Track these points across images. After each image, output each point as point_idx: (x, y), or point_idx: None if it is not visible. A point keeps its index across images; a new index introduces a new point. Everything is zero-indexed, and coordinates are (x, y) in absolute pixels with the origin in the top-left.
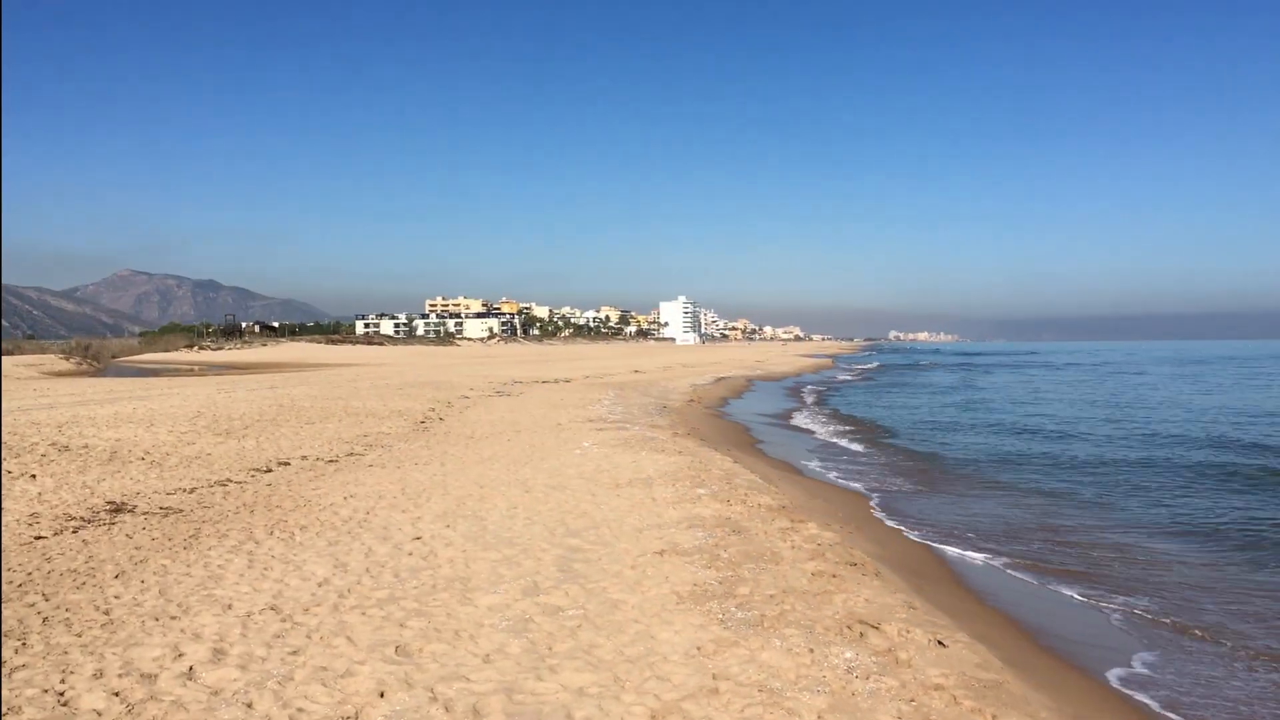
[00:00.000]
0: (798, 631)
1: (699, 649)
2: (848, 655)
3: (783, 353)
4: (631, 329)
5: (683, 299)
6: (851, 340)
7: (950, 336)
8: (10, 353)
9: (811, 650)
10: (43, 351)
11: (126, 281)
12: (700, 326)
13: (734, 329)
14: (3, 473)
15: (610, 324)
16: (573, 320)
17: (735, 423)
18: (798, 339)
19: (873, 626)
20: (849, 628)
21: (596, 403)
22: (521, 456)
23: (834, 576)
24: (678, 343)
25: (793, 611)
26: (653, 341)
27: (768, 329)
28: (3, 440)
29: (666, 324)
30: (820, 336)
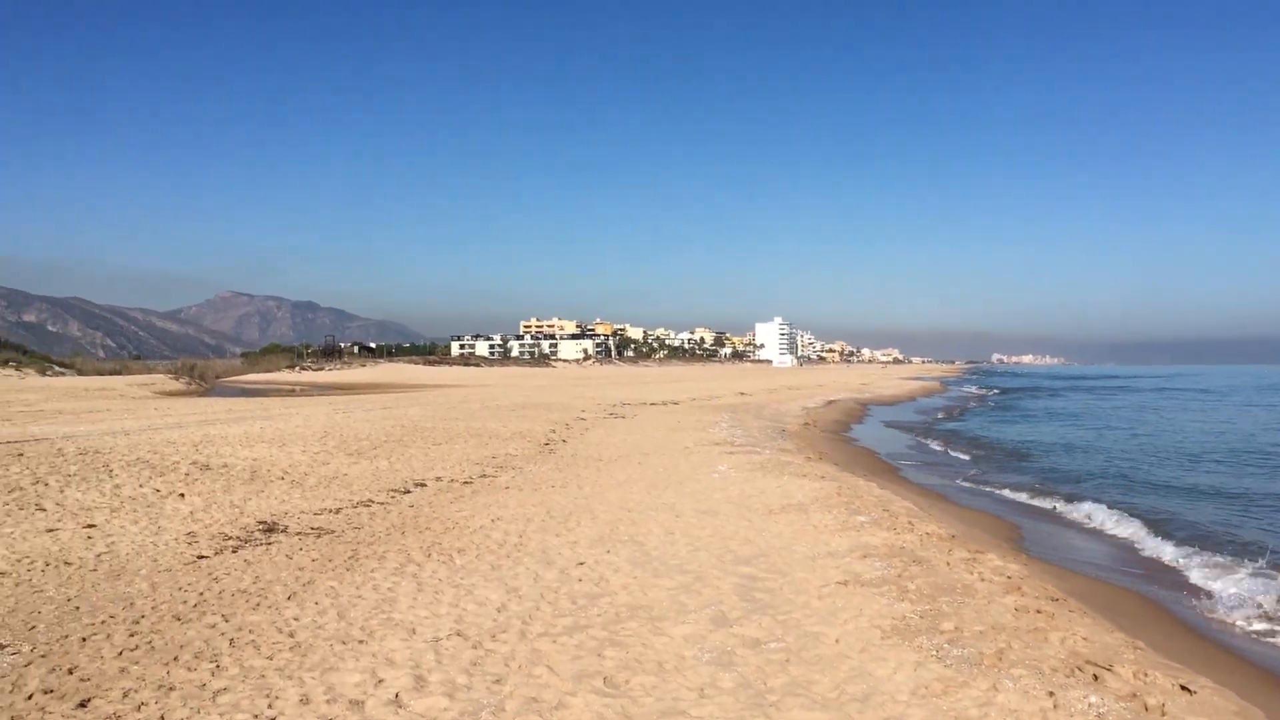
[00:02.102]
0: (1026, 672)
1: (926, 688)
2: (1092, 700)
3: (885, 375)
4: (726, 351)
5: (779, 320)
6: (953, 363)
7: (1057, 359)
8: (118, 372)
9: (1051, 694)
10: (149, 371)
11: (228, 303)
12: (797, 348)
13: (831, 351)
14: (150, 491)
15: (705, 346)
16: (667, 342)
17: (863, 448)
18: (897, 361)
19: (1104, 668)
20: (1079, 669)
21: (714, 425)
22: (659, 480)
23: (1039, 612)
24: (774, 365)
25: (1011, 650)
26: (749, 363)
27: (865, 351)
28: (146, 459)
29: (762, 345)
30: (920, 359)
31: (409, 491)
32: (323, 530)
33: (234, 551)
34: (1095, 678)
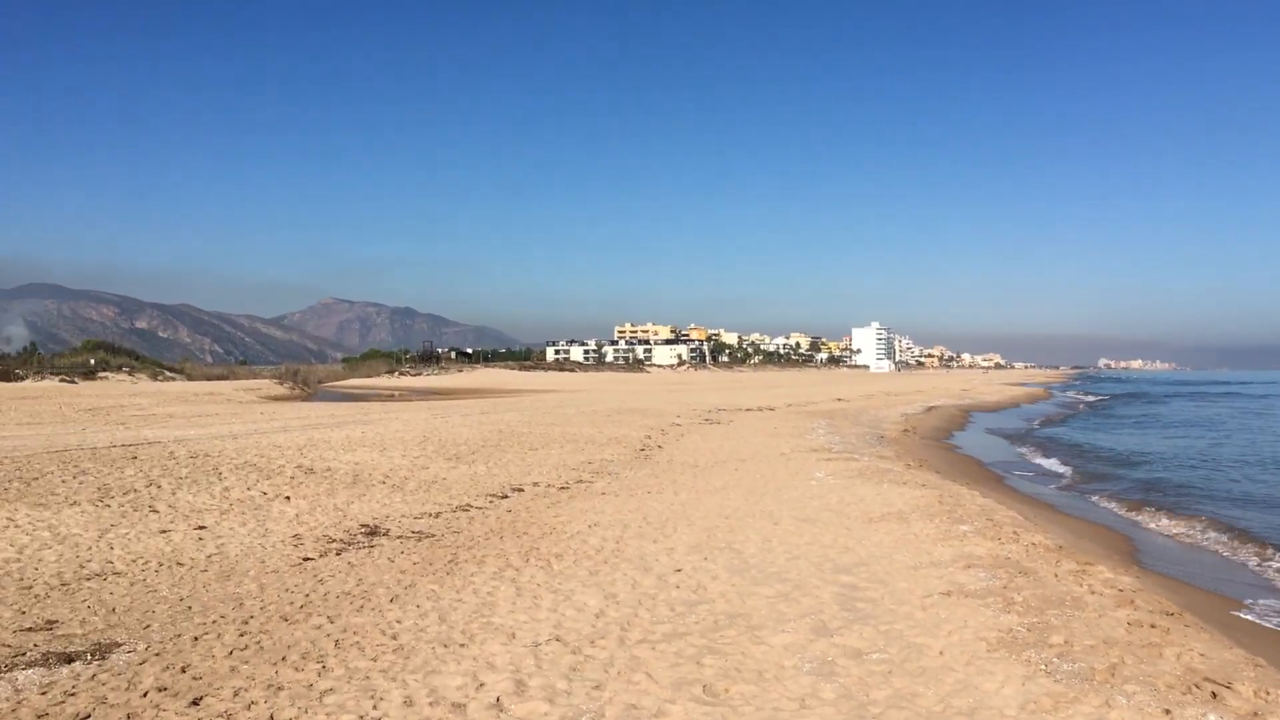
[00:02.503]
0: (1140, 688)
1: (1035, 704)
2: (1210, 719)
3: (986, 381)
4: (822, 356)
5: (875, 325)
6: (1057, 368)
7: (1167, 364)
8: (225, 377)
9: (1167, 711)
10: (255, 376)
11: (329, 309)
12: (894, 353)
13: (930, 356)
14: (257, 494)
15: (800, 351)
16: (762, 347)
17: (965, 455)
18: (998, 366)
19: (1223, 685)
20: (1196, 686)
21: (810, 432)
22: (756, 487)
23: (1153, 627)
24: (871, 370)
25: (1123, 665)
26: (845, 369)
27: (965, 356)
28: (253, 463)
29: (859, 351)
30: (1023, 364)
31: (507, 496)
32: (423, 534)
33: (338, 554)
34: (1214, 695)
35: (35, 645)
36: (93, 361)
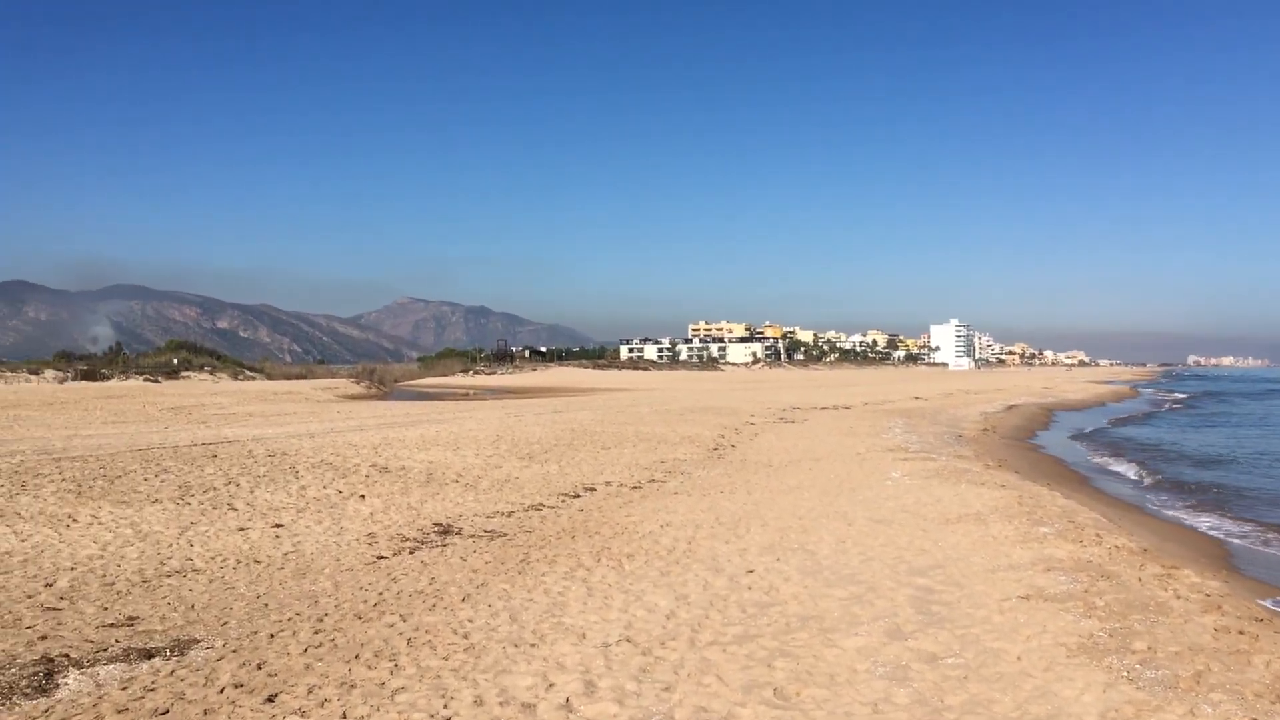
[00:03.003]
0: (1226, 697)
1: (1116, 712)
2: None
3: (1070, 379)
4: (900, 354)
5: (955, 322)
6: (1144, 366)
7: (1261, 361)
8: (303, 376)
9: None
10: (332, 375)
11: (405, 308)
12: (974, 351)
13: (1010, 353)
14: (332, 493)
15: (877, 348)
16: (838, 345)
17: (1047, 455)
18: (1082, 364)
19: None
20: None
21: (887, 431)
22: (830, 487)
23: (1241, 633)
24: (950, 368)
25: (1210, 673)
26: (923, 367)
27: (1048, 353)
28: (329, 461)
29: (937, 348)
30: (1108, 361)
31: (579, 496)
32: (495, 533)
33: (411, 552)
34: None
35: (117, 641)
36: (175, 361)
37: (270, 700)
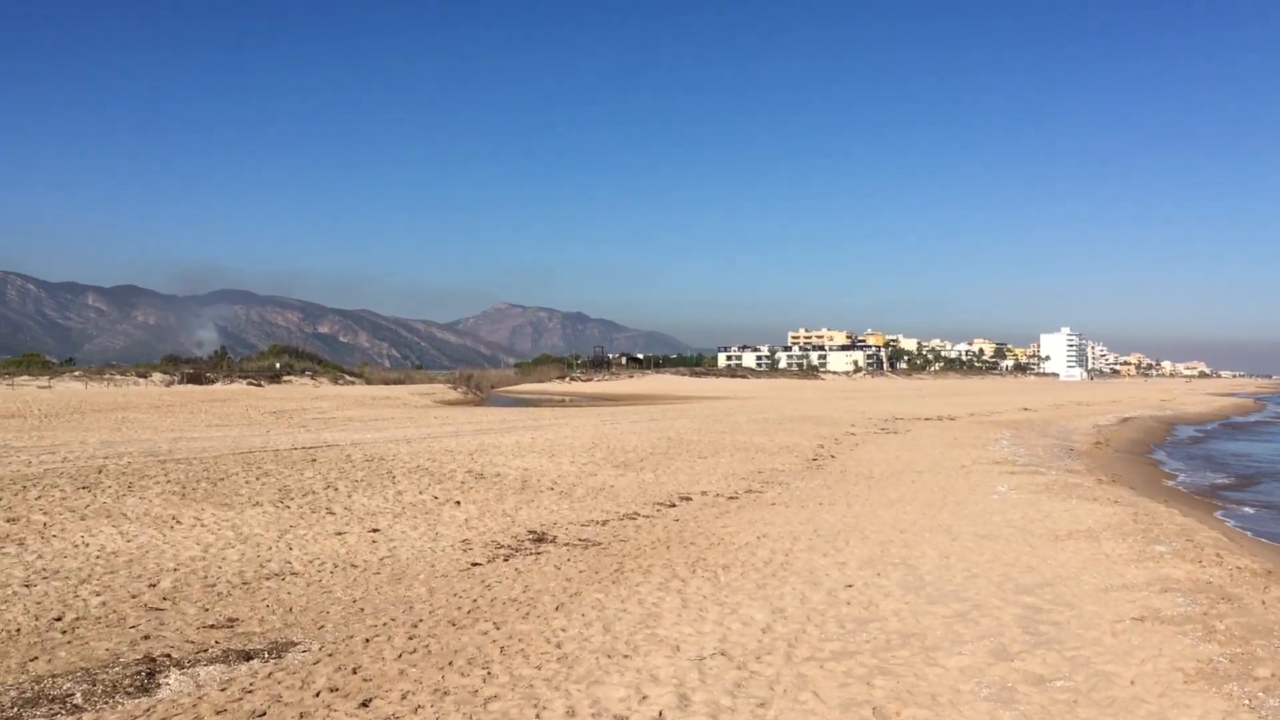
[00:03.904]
0: None
1: None
2: None
3: (1189, 391)
4: (1007, 363)
5: (1066, 330)
6: (1270, 377)
7: None
8: (401, 381)
9: None
10: (430, 381)
11: (502, 314)
12: (1086, 361)
13: (1125, 364)
14: (429, 499)
15: (984, 358)
16: (943, 354)
17: (1163, 470)
18: (1203, 375)
19: None
20: None
21: (994, 443)
22: (934, 500)
23: None
24: (1061, 378)
25: None
26: (1033, 377)
27: (1165, 364)
28: (426, 467)
29: (1047, 358)
30: (1230, 373)
31: (674, 505)
32: (590, 542)
33: (505, 560)
34: None
35: (216, 642)
36: (278, 365)
37: (365, 705)
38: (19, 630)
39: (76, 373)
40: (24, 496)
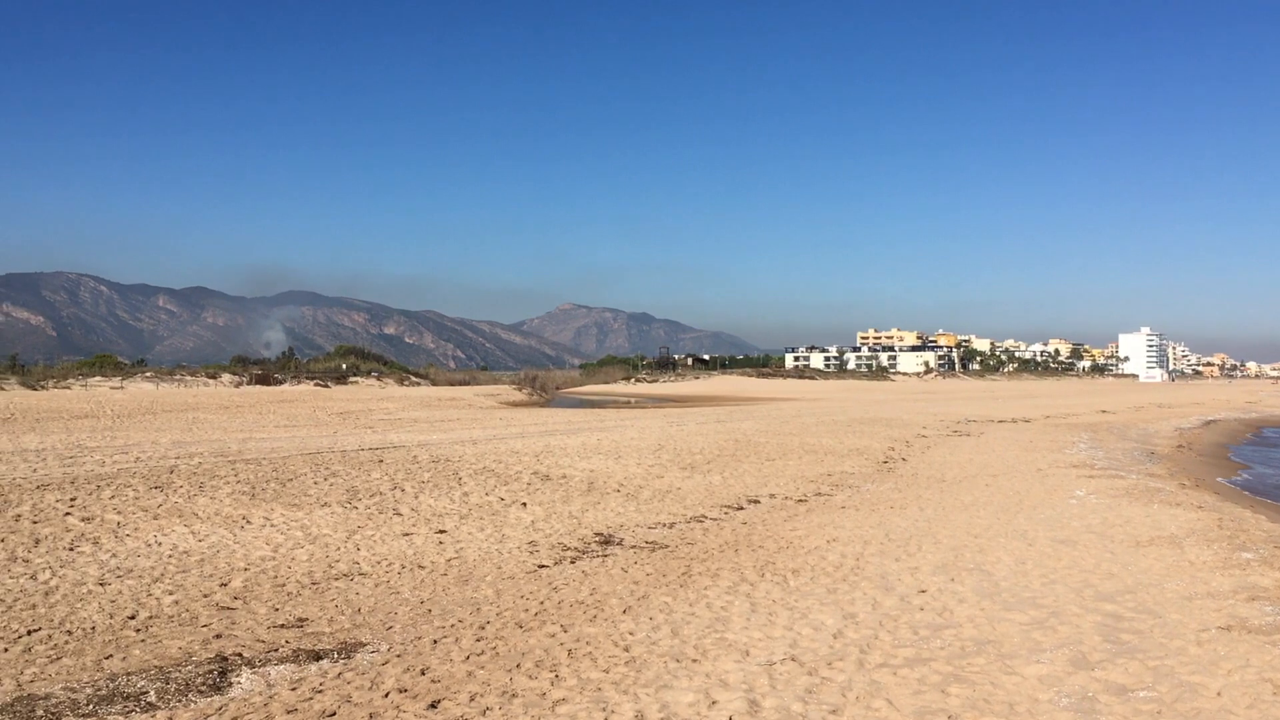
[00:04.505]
0: None
1: None
2: None
3: (1276, 393)
4: (1084, 364)
5: (1145, 330)
6: None
7: None
8: (466, 382)
9: None
10: (495, 382)
11: (567, 315)
12: (1167, 362)
13: (1208, 365)
14: (495, 499)
15: (1060, 358)
16: (1017, 354)
17: (1249, 475)
18: None
19: None
20: None
21: (1071, 446)
22: (1009, 504)
23: None
24: (1141, 380)
25: None
26: (1110, 378)
27: (1250, 365)
28: (492, 469)
29: (1126, 358)
30: None
31: (742, 508)
32: (657, 544)
33: (572, 562)
34: None
35: (287, 642)
36: (344, 366)
37: (433, 706)
38: (94, 628)
39: (148, 374)
40: (98, 496)
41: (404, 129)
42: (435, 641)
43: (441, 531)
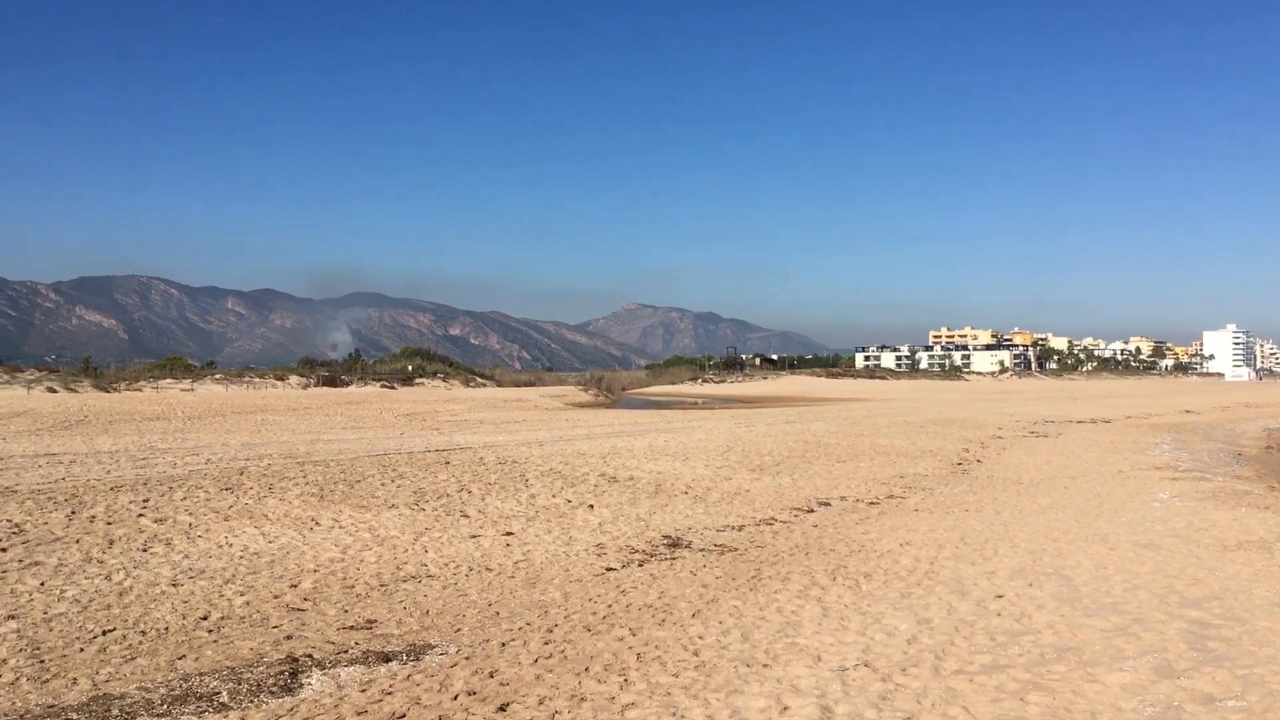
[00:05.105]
0: None
1: None
2: None
3: None
4: (1166, 363)
5: (1231, 327)
6: None
7: None
8: (532, 383)
9: None
10: (560, 383)
11: (633, 315)
12: (1254, 360)
13: None
14: (561, 502)
15: (1141, 357)
16: (1096, 352)
17: None
18: None
19: None
20: None
21: (1153, 447)
22: (1088, 507)
23: None
24: (1227, 379)
25: None
26: (1194, 377)
27: None
28: (558, 470)
29: (1211, 357)
30: None
31: (812, 510)
32: (726, 547)
33: (640, 565)
34: None
35: (356, 643)
36: (410, 368)
37: (502, 709)
38: (167, 629)
39: (217, 375)
40: (170, 497)
41: (471, 130)
42: (503, 644)
43: (509, 534)
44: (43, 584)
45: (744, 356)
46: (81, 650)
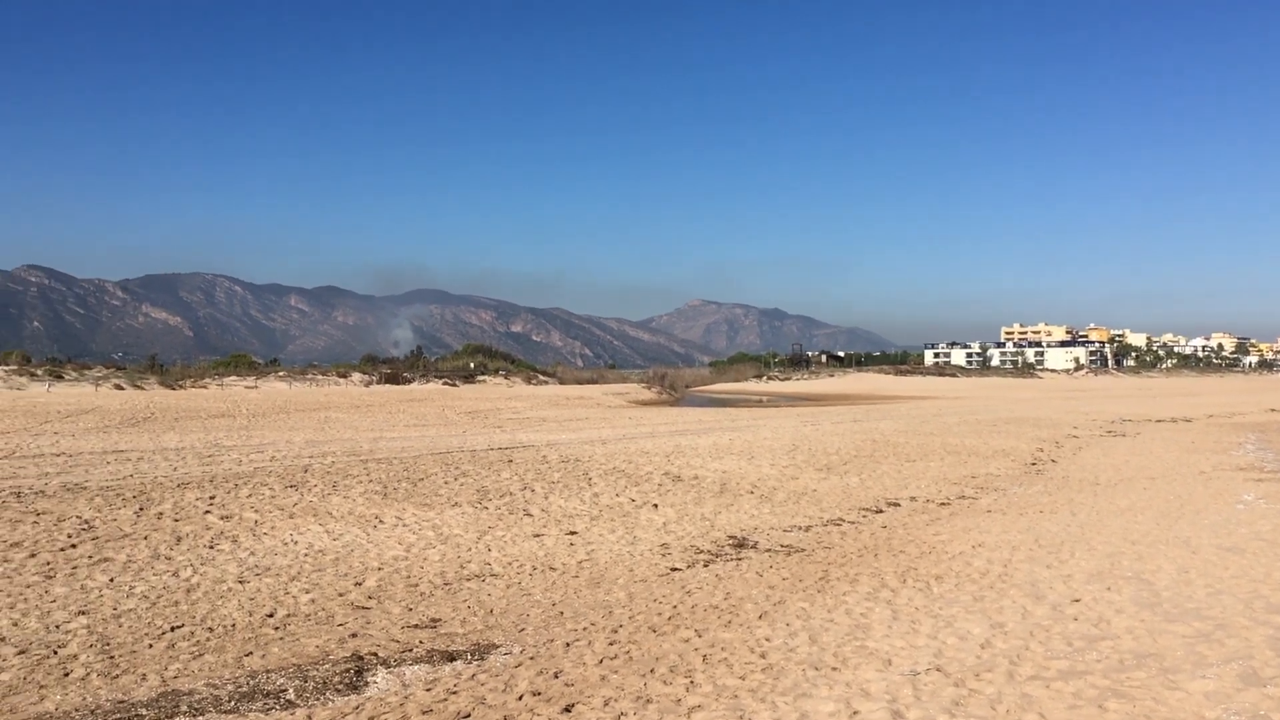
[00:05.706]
0: None
1: None
2: None
3: None
4: (1251, 360)
5: None
6: None
7: None
8: (594, 381)
9: None
10: (623, 380)
11: (697, 311)
12: None
13: None
14: (622, 500)
15: (1224, 353)
16: (1175, 349)
17: None
18: None
19: None
20: None
21: (1237, 447)
22: (1169, 509)
23: None
24: None
25: None
26: None
27: None
28: (622, 469)
29: None
30: None
31: (881, 511)
32: (792, 548)
33: (705, 565)
34: None
35: (421, 642)
36: (472, 365)
37: (567, 710)
38: (234, 625)
39: (281, 373)
40: (236, 495)
41: (532, 125)
42: (568, 644)
43: (572, 533)
44: (112, 580)
45: (810, 353)
46: (150, 646)
